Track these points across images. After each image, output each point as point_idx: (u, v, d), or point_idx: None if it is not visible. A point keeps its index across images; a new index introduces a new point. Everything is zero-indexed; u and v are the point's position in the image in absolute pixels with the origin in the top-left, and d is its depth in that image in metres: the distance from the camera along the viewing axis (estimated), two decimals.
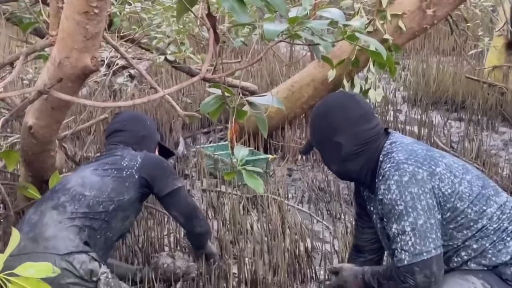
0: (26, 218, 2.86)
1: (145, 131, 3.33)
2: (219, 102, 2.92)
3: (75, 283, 2.68)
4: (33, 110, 2.77)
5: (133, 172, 3.02)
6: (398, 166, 2.42)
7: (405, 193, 2.37)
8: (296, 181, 4.88)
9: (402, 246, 2.38)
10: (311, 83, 5.26)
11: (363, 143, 2.56)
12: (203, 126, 5.89)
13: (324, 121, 2.60)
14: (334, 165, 2.68)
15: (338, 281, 2.73)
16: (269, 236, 3.73)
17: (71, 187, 2.91)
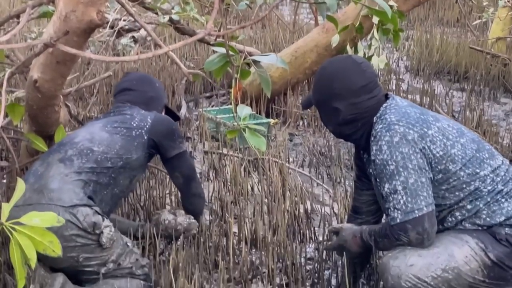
0: (32, 170, 2.89)
1: (154, 93, 3.34)
2: (223, 60, 2.94)
3: (78, 235, 2.72)
4: (38, 64, 2.79)
5: (142, 133, 3.04)
6: (389, 127, 2.47)
7: (396, 153, 2.42)
8: (297, 146, 4.91)
9: (394, 205, 2.43)
10: (314, 49, 5.27)
11: (361, 111, 2.60)
12: (205, 90, 5.91)
13: (327, 86, 2.64)
14: (330, 126, 2.74)
15: (338, 241, 2.77)
16: (270, 198, 3.77)
17: (79, 142, 2.93)
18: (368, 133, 2.59)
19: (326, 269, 3.12)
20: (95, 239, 2.76)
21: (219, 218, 3.58)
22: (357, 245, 2.69)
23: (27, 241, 2.13)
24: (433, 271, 2.37)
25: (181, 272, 2.93)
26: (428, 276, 2.36)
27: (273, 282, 2.97)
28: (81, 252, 2.74)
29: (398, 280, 2.39)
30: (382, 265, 2.48)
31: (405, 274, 2.38)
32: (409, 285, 2.37)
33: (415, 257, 2.40)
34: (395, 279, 2.40)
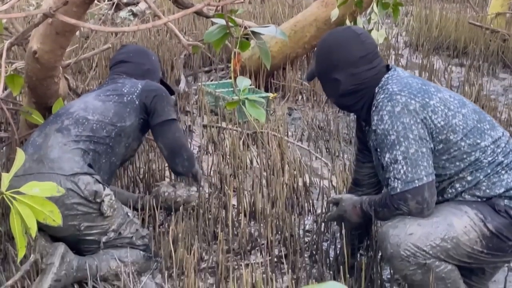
0: (31, 141, 2.90)
1: (150, 65, 3.38)
2: (223, 32, 2.92)
3: (79, 203, 2.74)
4: (38, 35, 2.79)
5: (133, 98, 3.06)
6: (391, 97, 2.47)
7: (397, 123, 2.43)
8: (296, 120, 4.91)
9: (394, 175, 2.44)
10: (313, 23, 5.25)
11: (361, 82, 2.60)
12: (204, 65, 5.89)
13: (326, 57, 2.65)
14: (332, 97, 2.75)
15: (338, 212, 2.79)
16: (268, 171, 3.78)
17: (74, 111, 2.95)
18: (369, 104, 2.60)
19: (324, 241, 3.15)
20: (96, 207, 2.78)
21: (218, 190, 3.59)
22: (357, 215, 2.71)
23: (27, 210, 2.14)
24: (432, 240, 2.38)
25: (181, 243, 2.95)
26: (427, 245, 2.38)
27: (272, 253, 2.99)
28: (82, 220, 2.76)
29: (397, 248, 2.41)
30: (382, 234, 2.49)
31: (404, 243, 2.40)
32: (408, 253, 2.39)
33: (415, 226, 2.41)
34: (394, 248, 2.42)
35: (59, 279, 2.63)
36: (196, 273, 2.84)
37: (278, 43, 5.18)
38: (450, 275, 2.41)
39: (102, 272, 2.79)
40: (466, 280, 2.58)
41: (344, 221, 2.80)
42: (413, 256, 2.39)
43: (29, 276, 2.71)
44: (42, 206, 2.17)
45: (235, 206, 3.45)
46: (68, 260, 2.68)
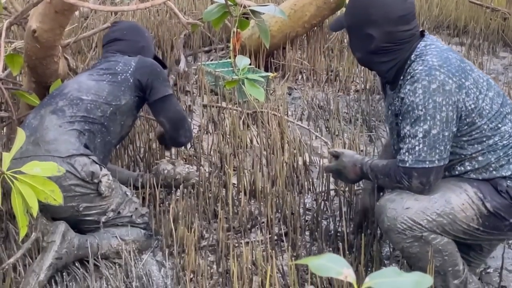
0: (26, 123, 2.91)
1: (144, 42, 3.37)
2: (222, 10, 2.94)
3: (77, 185, 2.75)
4: (37, 14, 2.79)
5: (127, 76, 3.05)
6: (430, 72, 2.40)
7: (429, 100, 2.38)
8: (296, 100, 4.92)
9: (408, 149, 2.42)
10: (313, 2, 5.24)
11: (395, 42, 2.52)
12: (204, 45, 5.88)
13: (364, 11, 2.53)
14: (359, 53, 2.64)
15: (337, 166, 2.78)
16: (268, 150, 3.79)
17: (68, 92, 2.95)
18: (399, 68, 2.54)
19: (324, 219, 3.16)
20: (94, 188, 2.79)
21: (218, 169, 3.61)
22: (355, 173, 2.71)
23: (28, 190, 2.16)
24: (429, 215, 2.39)
25: (181, 221, 2.97)
26: (423, 219, 2.39)
27: (272, 231, 3.01)
28: (81, 201, 2.78)
29: (393, 221, 2.42)
30: (379, 207, 2.50)
31: (401, 216, 2.41)
32: (404, 226, 2.40)
33: (412, 201, 2.42)
34: (391, 221, 2.43)
35: (60, 257, 2.65)
36: (196, 251, 2.86)
37: (277, 22, 5.17)
38: (447, 247, 2.42)
39: (103, 250, 2.81)
40: (464, 256, 2.60)
41: (340, 176, 2.80)
42: (409, 230, 2.40)
43: (30, 255, 2.73)
44: (43, 185, 2.19)
45: (235, 185, 3.47)
46: (69, 238, 2.70)
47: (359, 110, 4.58)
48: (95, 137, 2.93)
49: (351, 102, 4.76)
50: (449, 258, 2.44)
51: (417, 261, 2.46)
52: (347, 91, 5.02)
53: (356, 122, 4.43)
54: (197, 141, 3.91)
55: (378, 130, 4.29)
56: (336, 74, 5.25)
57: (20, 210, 2.18)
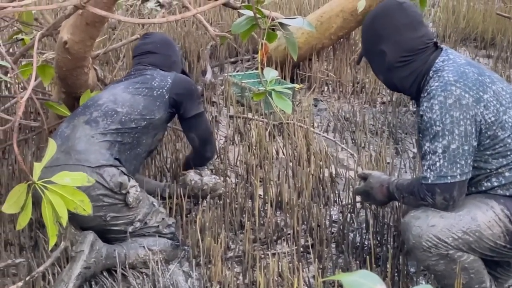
0: (59, 132, 2.95)
1: (176, 57, 3.46)
2: (250, 23, 2.95)
3: (105, 195, 2.78)
4: (68, 26, 2.83)
5: (163, 92, 3.10)
6: (446, 87, 2.40)
7: (446, 116, 2.37)
8: (322, 111, 4.92)
9: (429, 165, 2.42)
10: (340, 14, 5.25)
11: (408, 53, 2.53)
12: (230, 56, 5.91)
13: (370, 29, 2.62)
14: (380, 74, 2.69)
15: (365, 187, 2.81)
16: (294, 162, 3.80)
17: (103, 104, 2.99)
18: (419, 84, 2.55)
19: (351, 231, 3.16)
20: (122, 198, 2.82)
21: (245, 181, 3.62)
22: (383, 194, 2.72)
23: (58, 199, 2.18)
24: (454, 233, 2.38)
25: (208, 232, 2.99)
26: (449, 237, 2.38)
27: (298, 243, 3.01)
28: (108, 211, 2.80)
29: (419, 239, 2.42)
30: (404, 224, 2.50)
31: (426, 234, 2.40)
32: (429, 244, 2.40)
33: (437, 218, 2.41)
34: (416, 239, 2.43)
35: (88, 266, 2.68)
36: (223, 261, 2.87)
37: (304, 34, 5.18)
38: (473, 265, 2.41)
39: (131, 259, 2.83)
40: (492, 272, 2.58)
41: (369, 197, 2.82)
42: (434, 247, 2.39)
43: (59, 263, 2.76)
44: (72, 195, 2.21)
45: (261, 196, 3.48)
46: (98, 248, 2.73)
47: (385, 122, 4.57)
48: (125, 149, 2.96)
49: (377, 114, 4.75)
50: (475, 276, 2.42)
51: (443, 278, 2.45)
52: (373, 103, 5.02)
53: (382, 134, 4.42)
54: (223, 152, 3.93)
55: (405, 142, 4.28)
56: (362, 86, 5.25)
57: (50, 220, 2.21)
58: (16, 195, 2.35)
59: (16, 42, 3.74)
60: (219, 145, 4.09)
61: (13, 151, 3.61)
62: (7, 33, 4.91)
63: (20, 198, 2.34)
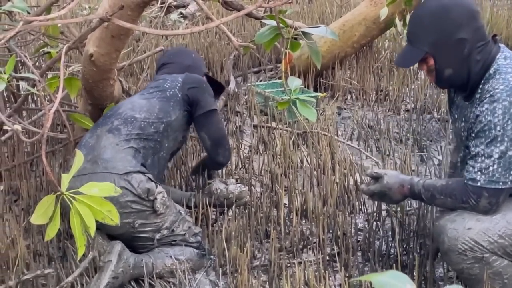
0: (83, 142, 2.99)
1: (191, 62, 3.49)
2: (274, 33, 2.97)
3: (133, 201, 2.81)
4: (94, 39, 2.86)
5: (176, 91, 3.16)
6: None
7: (509, 122, 2.34)
8: (346, 119, 4.92)
9: (481, 168, 2.38)
10: (362, 22, 5.26)
11: (483, 41, 2.45)
12: (253, 65, 5.94)
13: (445, 19, 2.45)
14: (450, 68, 2.51)
15: (381, 187, 2.69)
16: (319, 170, 3.80)
17: (122, 112, 3.05)
18: (481, 77, 2.47)
19: (376, 239, 3.15)
20: (150, 205, 2.85)
21: (270, 190, 3.63)
22: (402, 194, 2.65)
23: (86, 210, 2.20)
24: (490, 236, 2.37)
25: (234, 241, 3.00)
26: (485, 240, 2.37)
27: (324, 251, 3.02)
28: (136, 218, 2.83)
29: (455, 242, 2.40)
30: (439, 227, 2.47)
31: (462, 237, 2.38)
32: (465, 247, 2.38)
33: (473, 221, 2.40)
34: (452, 241, 2.41)
35: (116, 276, 2.70)
36: (249, 270, 2.88)
37: (327, 42, 5.19)
38: (507, 270, 2.39)
39: (158, 269, 2.85)
40: None
41: (384, 198, 2.73)
42: (470, 250, 2.38)
43: (87, 273, 2.79)
44: (100, 205, 2.23)
45: (286, 205, 3.49)
46: (125, 258, 2.75)
47: (410, 129, 4.56)
48: (149, 154, 3.01)
49: (402, 122, 4.74)
50: (509, 281, 2.41)
51: (477, 282, 2.43)
52: (397, 111, 5.01)
53: (407, 142, 4.41)
54: (248, 162, 3.94)
55: (430, 150, 4.26)
56: (385, 94, 5.24)
57: (78, 230, 2.23)
58: (44, 206, 2.38)
59: (43, 55, 3.79)
60: (244, 154, 4.11)
61: (40, 163, 3.67)
62: (33, 47, 4.97)
63: (48, 209, 2.37)
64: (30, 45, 5.05)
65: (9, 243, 2.94)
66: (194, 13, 6.33)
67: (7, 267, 2.89)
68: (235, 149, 4.09)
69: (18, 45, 3.85)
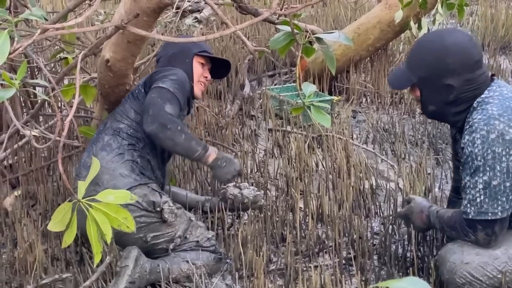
0: (82, 162, 3.00)
1: (174, 49, 3.25)
2: (288, 38, 2.98)
3: (141, 216, 2.82)
4: (110, 45, 2.88)
5: (140, 88, 3.09)
6: (489, 121, 2.34)
7: (488, 151, 2.32)
8: (361, 123, 4.92)
9: (470, 200, 2.39)
10: (377, 25, 5.25)
11: (473, 89, 2.45)
12: (268, 69, 5.95)
13: (441, 61, 2.44)
14: (434, 106, 2.54)
15: (406, 211, 2.79)
16: (334, 174, 3.81)
17: (109, 125, 3.05)
18: (460, 118, 2.49)
19: (393, 243, 3.15)
20: (158, 216, 2.87)
21: (285, 193, 3.63)
22: (422, 221, 2.70)
23: (102, 217, 2.22)
24: (489, 271, 2.37)
25: (250, 245, 3.01)
26: (483, 275, 2.37)
27: (340, 255, 3.02)
28: (148, 231, 2.85)
29: (452, 275, 2.42)
30: (440, 258, 2.51)
31: (460, 271, 2.40)
32: (463, 281, 2.39)
33: (472, 255, 2.40)
34: (450, 274, 2.43)
35: (133, 281, 2.72)
36: (265, 274, 2.89)
37: (341, 46, 5.19)
38: None
39: (174, 274, 2.86)
40: None
41: (408, 222, 2.82)
42: (468, 284, 2.39)
43: (104, 278, 2.81)
44: (116, 213, 2.25)
45: (302, 209, 3.49)
46: (142, 263, 2.77)
47: (425, 132, 4.55)
48: (146, 160, 3.00)
49: (417, 125, 4.73)
50: None
51: None
52: (412, 114, 5.00)
53: (422, 145, 4.40)
54: (263, 165, 3.95)
55: (445, 153, 4.25)
56: (400, 97, 5.23)
57: (95, 237, 2.25)
58: (61, 214, 2.40)
59: (59, 61, 3.82)
60: (259, 158, 4.12)
61: (57, 168, 3.69)
62: (50, 52, 5.02)
63: (65, 216, 2.39)
64: (46, 51, 5.09)
65: (27, 248, 2.97)
66: (209, 17, 6.35)
67: (25, 271, 2.92)
68: (250, 153, 4.10)
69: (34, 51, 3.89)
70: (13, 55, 2.12)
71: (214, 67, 3.36)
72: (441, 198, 3.44)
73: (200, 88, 3.25)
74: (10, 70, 3.69)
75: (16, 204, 3.31)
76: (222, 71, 3.42)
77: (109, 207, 2.25)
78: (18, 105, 3.92)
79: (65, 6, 3.43)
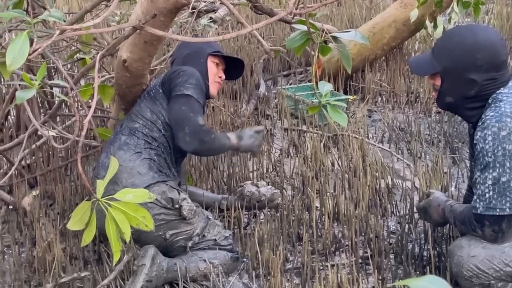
0: (100, 163, 3.02)
1: (188, 50, 3.27)
2: (305, 38, 2.99)
3: (160, 213, 2.84)
4: (127, 45, 2.90)
5: (157, 88, 3.09)
6: (500, 118, 2.36)
7: (499, 148, 2.35)
8: (376, 122, 4.92)
9: (479, 195, 2.42)
10: (392, 24, 5.25)
11: (494, 87, 2.46)
12: (283, 69, 5.95)
13: (470, 55, 2.45)
14: (452, 97, 2.56)
15: (424, 204, 2.85)
16: (350, 173, 3.81)
17: (125, 125, 3.07)
18: (475, 113, 2.51)
19: (409, 242, 3.15)
20: (177, 213, 2.88)
21: (301, 193, 3.64)
22: (438, 214, 2.76)
23: (121, 216, 2.24)
24: (496, 265, 2.40)
25: (266, 244, 3.02)
26: (490, 268, 2.40)
27: (356, 254, 3.02)
28: (166, 229, 2.86)
29: (460, 268, 2.46)
30: (449, 252, 2.56)
31: (467, 264, 2.44)
32: (470, 274, 2.43)
33: (479, 249, 2.44)
34: (457, 267, 2.48)
35: (150, 279, 2.74)
36: (282, 273, 2.90)
37: (356, 45, 5.19)
38: None
39: (191, 273, 2.88)
40: None
41: (426, 215, 2.87)
42: (475, 277, 2.42)
43: (122, 277, 2.83)
44: (135, 212, 2.27)
45: (318, 208, 3.49)
46: (159, 262, 2.78)
47: (441, 131, 4.55)
48: (162, 158, 3.01)
49: (433, 124, 4.72)
50: None
51: None
52: (428, 113, 4.99)
53: (438, 144, 4.39)
54: (279, 165, 3.96)
55: (462, 151, 4.24)
56: (416, 96, 5.23)
57: (113, 236, 2.27)
58: (80, 213, 2.43)
59: (76, 61, 3.84)
60: (275, 158, 4.13)
61: (74, 168, 3.72)
62: (67, 53, 5.05)
63: (84, 215, 2.42)
64: (62, 52, 5.12)
65: (46, 247, 3.00)
66: (224, 17, 6.36)
67: (44, 270, 2.95)
68: (266, 153, 4.11)
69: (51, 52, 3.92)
70: (32, 56, 2.15)
71: (228, 67, 3.36)
72: (458, 197, 3.43)
73: (216, 88, 3.27)
74: (27, 70, 3.72)
75: (34, 204, 3.34)
76: (235, 71, 3.43)
77: (128, 206, 2.27)
78: (36, 106, 3.95)
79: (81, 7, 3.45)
